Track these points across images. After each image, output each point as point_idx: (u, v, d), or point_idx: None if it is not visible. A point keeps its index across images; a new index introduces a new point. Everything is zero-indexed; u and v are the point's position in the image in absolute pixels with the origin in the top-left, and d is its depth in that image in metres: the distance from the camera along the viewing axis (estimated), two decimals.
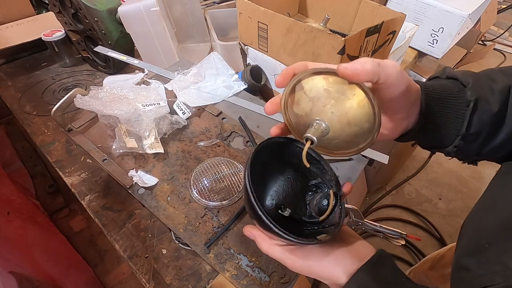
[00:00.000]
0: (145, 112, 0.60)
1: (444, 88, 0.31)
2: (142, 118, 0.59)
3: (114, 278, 1.08)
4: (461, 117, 0.30)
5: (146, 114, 0.59)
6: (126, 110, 0.58)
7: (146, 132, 0.59)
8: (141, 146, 0.59)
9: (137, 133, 0.59)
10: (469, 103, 0.29)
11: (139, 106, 0.60)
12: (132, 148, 0.59)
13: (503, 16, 1.53)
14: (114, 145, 0.59)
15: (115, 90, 0.62)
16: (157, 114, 0.61)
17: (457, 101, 0.30)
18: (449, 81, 0.32)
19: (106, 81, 0.72)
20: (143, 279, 0.45)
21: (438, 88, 0.31)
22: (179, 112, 0.68)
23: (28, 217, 0.94)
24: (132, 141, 0.59)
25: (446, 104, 0.30)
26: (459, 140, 0.30)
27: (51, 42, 0.81)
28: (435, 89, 0.30)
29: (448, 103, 0.30)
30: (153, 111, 0.60)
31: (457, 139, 0.31)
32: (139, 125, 0.58)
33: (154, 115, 0.60)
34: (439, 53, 1.13)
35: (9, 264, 0.67)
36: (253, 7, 0.69)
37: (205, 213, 0.52)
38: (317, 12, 0.91)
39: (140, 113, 0.59)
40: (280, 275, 0.45)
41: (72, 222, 1.23)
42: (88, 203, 0.54)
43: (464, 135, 0.30)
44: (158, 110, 0.61)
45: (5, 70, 0.86)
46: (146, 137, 0.59)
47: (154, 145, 0.60)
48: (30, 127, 0.69)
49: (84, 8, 0.69)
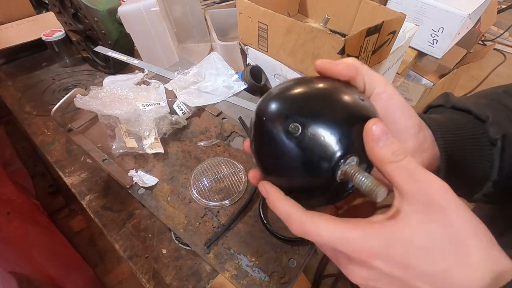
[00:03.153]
0: (145, 112, 0.60)
1: (457, 125, 0.25)
2: (142, 118, 0.59)
3: (114, 278, 1.08)
4: (489, 160, 0.24)
5: (146, 114, 0.59)
6: (126, 110, 0.58)
7: (146, 132, 0.59)
8: (141, 146, 0.59)
9: (137, 133, 0.59)
10: (495, 141, 0.24)
11: (139, 106, 0.60)
12: (132, 148, 0.59)
13: (503, 16, 1.53)
14: (114, 145, 0.59)
15: (115, 90, 0.62)
16: (157, 114, 0.61)
17: (479, 141, 0.24)
18: (458, 115, 0.26)
19: (106, 81, 0.72)
20: (143, 279, 0.45)
21: (450, 126, 0.25)
22: (179, 112, 0.68)
23: (28, 217, 0.94)
24: (132, 141, 0.59)
25: (465, 146, 0.24)
26: (490, 187, 0.25)
27: (51, 42, 0.81)
28: (448, 129, 0.24)
29: (468, 144, 0.24)
30: (153, 111, 0.60)
31: (486, 186, 0.25)
32: (139, 125, 0.58)
33: (154, 115, 0.60)
34: (439, 53, 1.13)
35: (9, 264, 0.67)
36: (253, 7, 0.69)
37: (205, 213, 0.52)
38: (317, 12, 0.91)
39: (140, 113, 0.59)
40: (280, 275, 0.45)
41: (72, 222, 1.23)
42: (88, 203, 0.54)
43: (496, 181, 0.24)
44: (158, 110, 0.61)
45: (5, 70, 0.86)
46: (146, 137, 0.59)
47: (154, 145, 0.60)
48: (30, 127, 0.69)
49: (84, 8, 0.69)
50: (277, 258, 0.46)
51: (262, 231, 0.50)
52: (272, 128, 0.21)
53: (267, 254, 0.47)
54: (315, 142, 0.19)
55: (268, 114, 0.21)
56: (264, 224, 0.50)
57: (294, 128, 0.20)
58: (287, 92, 0.22)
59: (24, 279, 0.68)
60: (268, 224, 0.50)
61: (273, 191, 0.22)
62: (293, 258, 0.46)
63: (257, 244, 0.48)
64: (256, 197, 0.54)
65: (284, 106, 0.21)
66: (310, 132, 0.20)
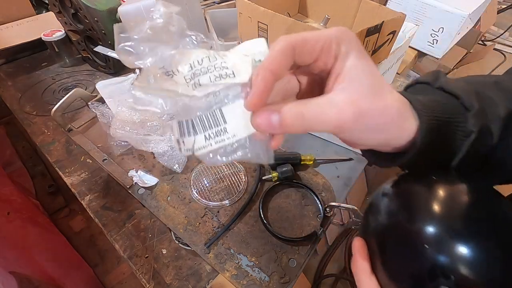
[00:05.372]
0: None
1: (443, 110, 0.24)
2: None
3: (114, 278, 1.08)
4: (455, 148, 0.24)
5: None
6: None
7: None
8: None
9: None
10: (469, 133, 0.23)
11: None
12: None
13: (503, 16, 1.53)
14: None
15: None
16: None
17: (456, 129, 0.23)
18: (445, 97, 0.25)
19: (99, 86, 0.69)
20: (143, 279, 0.45)
21: (436, 109, 0.23)
22: None
23: (28, 217, 0.94)
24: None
25: (444, 131, 0.23)
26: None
27: (51, 42, 0.81)
28: (433, 111, 0.23)
29: (444, 131, 0.23)
30: None
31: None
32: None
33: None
34: (439, 53, 1.13)
35: (9, 264, 0.68)
36: (253, 7, 0.69)
37: (205, 213, 0.52)
38: (317, 12, 0.91)
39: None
40: (280, 275, 0.45)
41: (72, 222, 1.23)
42: (88, 203, 0.54)
43: (454, 168, 0.24)
44: None
45: (5, 70, 0.86)
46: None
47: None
48: (30, 127, 0.69)
49: (84, 8, 0.69)
50: (277, 258, 0.46)
51: (262, 231, 0.50)
52: (422, 258, 0.19)
53: (267, 254, 0.47)
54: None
55: (424, 237, 0.20)
56: (264, 224, 0.50)
57: (449, 277, 0.18)
58: (441, 215, 0.20)
59: (24, 279, 0.68)
60: (268, 224, 0.50)
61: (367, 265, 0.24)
62: (293, 258, 0.46)
63: (257, 244, 0.48)
64: (256, 197, 0.54)
65: (443, 244, 0.19)
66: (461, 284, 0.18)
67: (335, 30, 0.21)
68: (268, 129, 0.21)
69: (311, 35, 0.21)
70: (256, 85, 0.20)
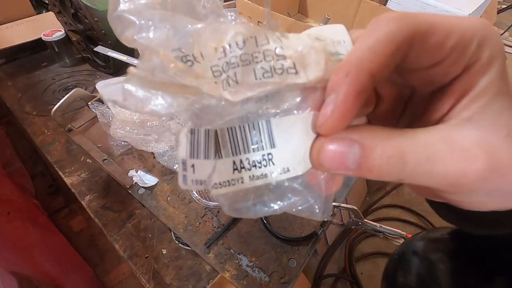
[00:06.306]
0: None
1: None
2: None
3: (114, 278, 1.08)
4: None
5: None
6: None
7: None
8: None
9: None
10: None
11: None
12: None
13: (503, 16, 1.53)
14: None
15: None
16: None
17: None
18: None
19: (99, 86, 0.69)
20: (143, 279, 0.45)
21: None
22: None
23: (28, 217, 0.94)
24: None
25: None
26: None
27: (51, 42, 0.81)
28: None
29: None
30: None
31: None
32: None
33: None
34: None
35: (9, 264, 0.67)
36: (253, 7, 0.70)
37: (205, 213, 0.52)
38: (317, 12, 0.91)
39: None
40: (280, 275, 0.45)
41: (72, 222, 1.23)
42: (88, 203, 0.54)
43: None
44: None
45: (5, 70, 0.86)
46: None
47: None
48: (30, 127, 0.69)
49: (84, 8, 0.69)
50: (277, 258, 0.46)
51: (262, 231, 0.50)
52: None
53: (267, 254, 0.47)
54: None
55: None
56: (264, 224, 0.50)
57: None
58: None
59: (24, 279, 0.68)
60: (268, 224, 0.50)
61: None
62: (293, 258, 0.47)
63: (257, 244, 0.48)
64: None
65: None
66: None
67: (476, 22, 0.13)
68: (338, 169, 0.13)
69: (441, 21, 0.12)
70: (344, 93, 0.12)
